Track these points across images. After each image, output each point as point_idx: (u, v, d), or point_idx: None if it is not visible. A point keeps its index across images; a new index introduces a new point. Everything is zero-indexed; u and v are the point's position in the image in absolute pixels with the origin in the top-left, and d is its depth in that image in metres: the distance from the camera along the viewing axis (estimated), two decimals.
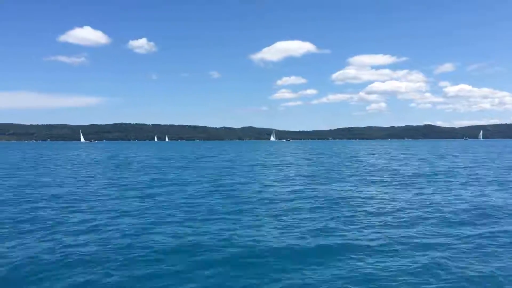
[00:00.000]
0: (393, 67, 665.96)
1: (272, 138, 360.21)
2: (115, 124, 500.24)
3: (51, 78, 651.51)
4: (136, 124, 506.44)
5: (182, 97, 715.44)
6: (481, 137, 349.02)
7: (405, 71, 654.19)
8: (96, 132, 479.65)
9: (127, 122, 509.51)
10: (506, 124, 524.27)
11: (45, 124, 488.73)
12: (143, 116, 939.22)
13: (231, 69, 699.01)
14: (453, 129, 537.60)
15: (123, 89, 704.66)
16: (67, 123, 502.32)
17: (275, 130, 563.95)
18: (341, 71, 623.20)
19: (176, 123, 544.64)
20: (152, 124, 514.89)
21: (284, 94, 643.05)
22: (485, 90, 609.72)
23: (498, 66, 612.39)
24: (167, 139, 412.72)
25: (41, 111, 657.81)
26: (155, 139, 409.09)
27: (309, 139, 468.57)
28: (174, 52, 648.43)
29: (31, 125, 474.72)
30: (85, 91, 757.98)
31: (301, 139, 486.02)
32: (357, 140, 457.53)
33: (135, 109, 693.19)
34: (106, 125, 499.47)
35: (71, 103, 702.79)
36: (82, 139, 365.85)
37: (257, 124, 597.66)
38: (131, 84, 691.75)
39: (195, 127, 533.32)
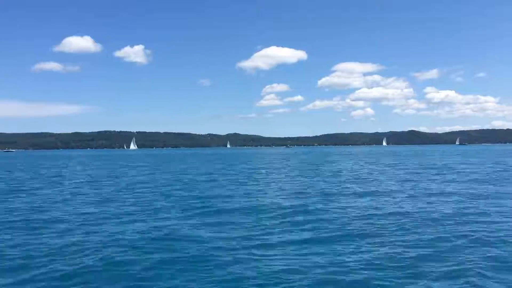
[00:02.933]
0: (379, 74, 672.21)
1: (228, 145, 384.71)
2: (99, 132, 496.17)
3: (35, 87, 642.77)
4: (120, 131, 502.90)
5: (169, 104, 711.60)
6: (457, 143, 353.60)
7: (390, 78, 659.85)
8: (80, 140, 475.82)
9: (112, 130, 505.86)
10: (488, 130, 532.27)
11: (28, 132, 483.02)
12: (128, 124, 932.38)
13: (219, 76, 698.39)
14: (436, 134, 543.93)
15: (109, 97, 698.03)
16: (50, 131, 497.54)
17: (260, 136, 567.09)
18: (327, 78, 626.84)
19: (162, 131, 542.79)
20: (137, 132, 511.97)
21: (271, 101, 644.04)
22: (469, 97, 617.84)
23: (482, 72, 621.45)
24: (132, 146, 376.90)
25: (24, 120, 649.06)
26: (131, 146, 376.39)
27: (295, 146, 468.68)
28: (163, 60, 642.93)
29: (13, 134, 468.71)
30: (68, 100, 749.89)
31: (286, 146, 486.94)
32: (341, 146, 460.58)
33: (120, 118, 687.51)
34: (90, 133, 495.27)
35: (54, 112, 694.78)
36: (132, 146, 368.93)
37: (243, 131, 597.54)
38: (117, 92, 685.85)
39: (180, 134, 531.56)
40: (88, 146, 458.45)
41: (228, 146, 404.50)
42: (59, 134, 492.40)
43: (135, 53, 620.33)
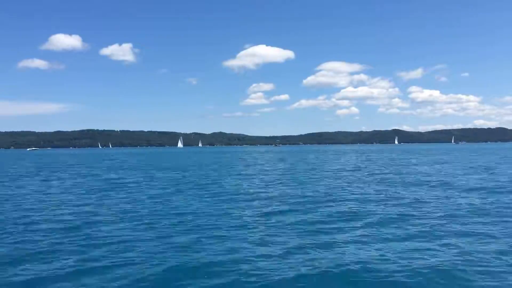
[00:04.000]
0: (364, 73, 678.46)
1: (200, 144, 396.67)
2: (82, 131, 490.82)
3: (17, 85, 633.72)
4: (104, 130, 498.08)
5: (154, 103, 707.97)
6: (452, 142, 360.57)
7: (375, 77, 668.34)
8: (62, 139, 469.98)
9: (95, 129, 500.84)
10: (470, 129, 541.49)
11: (8, 131, 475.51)
12: (111, 122, 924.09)
13: (205, 75, 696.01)
14: (419, 133, 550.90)
15: (91, 96, 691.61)
16: (32, 130, 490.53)
17: (245, 135, 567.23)
18: (313, 77, 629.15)
19: (146, 129, 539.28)
20: (120, 130, 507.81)
21: (257, 100, 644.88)
22: (452, 96, 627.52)
23: (466, 72, 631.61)
24: (179, 144, 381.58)
25: (4, 118, 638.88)
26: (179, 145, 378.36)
27: (281, 145, 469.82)
28: (149, 59, 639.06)
29: None
30: (50, 98, 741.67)
31: (271, 144, 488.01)
32: (327, 144, 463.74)
33: (103, 116, 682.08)
34: (73, 131, 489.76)
35: (36, 111, 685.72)
36: (180, 144, 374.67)
37: (228, 130, 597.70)
38: (101, 90, 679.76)
39: (165, 133, 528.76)
40: (71, 145, 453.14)
41: (180, 145, 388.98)
42: (41, 132, 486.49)
43: (120, 51, 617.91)
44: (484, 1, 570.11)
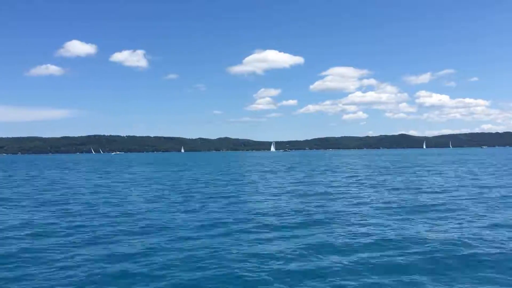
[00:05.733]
0: (372, 78, 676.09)
1: (272, 149, 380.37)
2: (89, 136, 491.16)
3: (26, 92, 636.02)
4: (110, 136, 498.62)
5: (161, 108, 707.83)
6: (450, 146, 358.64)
7: (382, 82, 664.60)
8: (69, 145, 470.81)
9: (101, 134, 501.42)
10: (477, 133, 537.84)
11: (15, 137, 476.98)
12: (119, 128, 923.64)
13: (212, 80, 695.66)
14: (426, 138, 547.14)
15: (98, 102, 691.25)
16: (38, 136, 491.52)
17: (250, 140, 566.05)
18: (320, 82, 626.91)
19: (152, 135, 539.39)
20: (127, 136, 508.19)
21: (264, 105, 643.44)
22: (460, 100, 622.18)
23: (475, 77, 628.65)
24: (272, 148, 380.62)
25: (11, 124, 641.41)
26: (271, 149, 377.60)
27: (282, 150, 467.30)
28: (156, 65, 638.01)
29: (1, 138, 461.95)
30: (57, 104, 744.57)
31: (284, 150, 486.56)
32: (332, 150, 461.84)
33: (109, 122, 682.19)
34: (79, 137, 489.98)
35: (42, 116, 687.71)
36: (273, 149, 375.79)
37: (233, 135, 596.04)
38: (107, 96, 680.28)
39: (170, 138, 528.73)
40: (77, 151, 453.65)
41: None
42: (47, 138, 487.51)
43: (130, 57, 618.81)
44: (493, 4, 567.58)
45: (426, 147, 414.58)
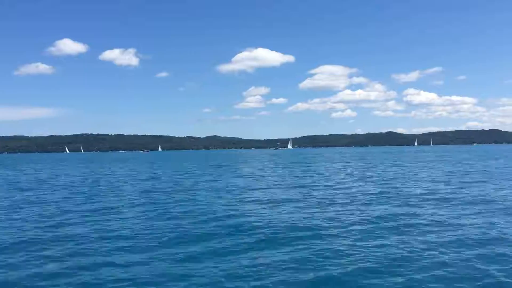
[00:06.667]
0: (360, 76, 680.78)
1: (289, 146, 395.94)
2: (76, 135, 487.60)
3: (14, 91, 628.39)
4: (98, 134, 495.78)
5: (151, 107, 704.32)
6: (431, 144, 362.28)
7: (371, 80, 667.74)
8: (56, 143, 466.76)
9: (89, 133, 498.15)
10: (463, 131, 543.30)
11: (1, 136, 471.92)
12: (108, 127, 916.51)
13: (202, 79, 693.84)
14: (413, 135, 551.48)
15: (85, 100, 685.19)
16: (25, 135, 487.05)
17: (239, 138, 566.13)
18: (310, 80, 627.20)
19: (140, 133, 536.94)
20: (114, 135, 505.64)
21: (253, 103, 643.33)
22: (447, 98, 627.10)
23: (463, 75, 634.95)
24: (289, 146, 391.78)
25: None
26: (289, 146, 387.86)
27: (272, 147, 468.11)
28: (145, 63, 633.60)
29: None
30: (43, 103, 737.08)
31: (266, 147, 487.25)
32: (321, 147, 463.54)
33: (99, 120, 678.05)
34: (66, 136, 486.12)
35: (28, 115, 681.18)
36: (290, 146, 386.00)
37: (223, 134, 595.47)
38: (94, 94, 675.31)
39: (159, 136, 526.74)
40: (64, 150, 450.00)
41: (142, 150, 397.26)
42: (34, 137, 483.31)
43: (119, 56, 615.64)
44: (480, 3, 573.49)
45: (412, 145, 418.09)
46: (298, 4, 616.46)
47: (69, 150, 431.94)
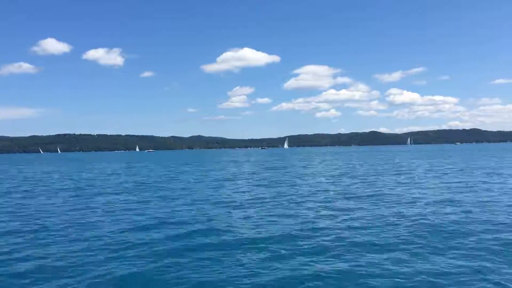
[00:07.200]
0: (344, 76, 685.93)
1: (285, 146, 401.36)
2: (58, 135, 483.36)
3: None
4: (80, 134, 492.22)
5: (135, 107, 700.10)
6: (410, 143, 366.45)
7: (355, 80, 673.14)
8: (37, 144, 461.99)
9: (71, 133, 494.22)
10: (444, 130, 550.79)
11: None
12: (91, 127, 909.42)
13: (186, 79, 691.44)
14: (396, 135, 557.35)
15: (67, 100, 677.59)
16: (6, 135, 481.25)
17: (223, 138, 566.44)
18: (294, 80, 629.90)
19: (123, 133, 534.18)
20: (97, 134, 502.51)
21: (238, 103, 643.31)
22: (429, 98, 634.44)
23: (446, 75, 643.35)
24: (285, 146, 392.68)
25: None
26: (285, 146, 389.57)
27: (259, 147, 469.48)
28: (132, 63, 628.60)
29: None
30: (25, 103, 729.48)
31: (251, 147, 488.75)
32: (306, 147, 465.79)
33: (79, 120, 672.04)
34: (47, 136, 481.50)
35: (9, 115, 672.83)
36: (286, 146, 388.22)
37: (207, 133, 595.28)
38: (76, 94, 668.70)
39: (143, 136, 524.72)
40: (46, 150, 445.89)
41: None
42: (15, 137, 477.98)
43: (103, 56, 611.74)
44: (463, 4, 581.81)
45: (391, 144, 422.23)
46: (284, 5, 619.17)
47: (51, 151, 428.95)
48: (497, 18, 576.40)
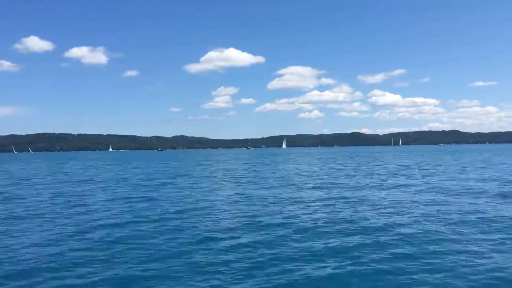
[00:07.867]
0: (328, 77, 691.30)
1: (284, 146, 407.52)
2: (38, 134, 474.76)
3: None
4: (60, 134, 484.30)
5: (117, 106, 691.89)
6: (399, 144, 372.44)
7: (338, 81, 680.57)
8: (17, 143, 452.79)
9: (51, 132, 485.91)
10: (424, 131, 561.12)
11: None
12: (72, 126, 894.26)
13: (169, 78, 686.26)
14: (377, 136, 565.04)
15: (46, 99, 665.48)
16: None
17: (206, 138, 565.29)
18: (278, 81, 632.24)
19: (105, 133, 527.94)
20: (78, 134, 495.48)
21: (222, 104, 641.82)
22: (410, 100, 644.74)
23: (427, 77, 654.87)
24: (284, 146, 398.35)
25: None
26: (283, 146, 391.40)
27: (242, 147, 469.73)
28: (113, 61, 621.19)
29: None
30: (8, 101, 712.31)
31: (234, 147, 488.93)
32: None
33: (59, 119, 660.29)
34: (27, 135, 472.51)
35: None
36: (284, 146, 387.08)
37: (190, 133, 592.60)
38: (56, 93, 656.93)
39: (125, 136, 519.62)
40: (25, 149, 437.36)
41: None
42: None
43: (86, 54, 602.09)
44: (445, 5, 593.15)
45: (375, 145, 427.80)
46: (270, 5, 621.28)
47: (31, 150, 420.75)
48: (477, 22, 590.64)
